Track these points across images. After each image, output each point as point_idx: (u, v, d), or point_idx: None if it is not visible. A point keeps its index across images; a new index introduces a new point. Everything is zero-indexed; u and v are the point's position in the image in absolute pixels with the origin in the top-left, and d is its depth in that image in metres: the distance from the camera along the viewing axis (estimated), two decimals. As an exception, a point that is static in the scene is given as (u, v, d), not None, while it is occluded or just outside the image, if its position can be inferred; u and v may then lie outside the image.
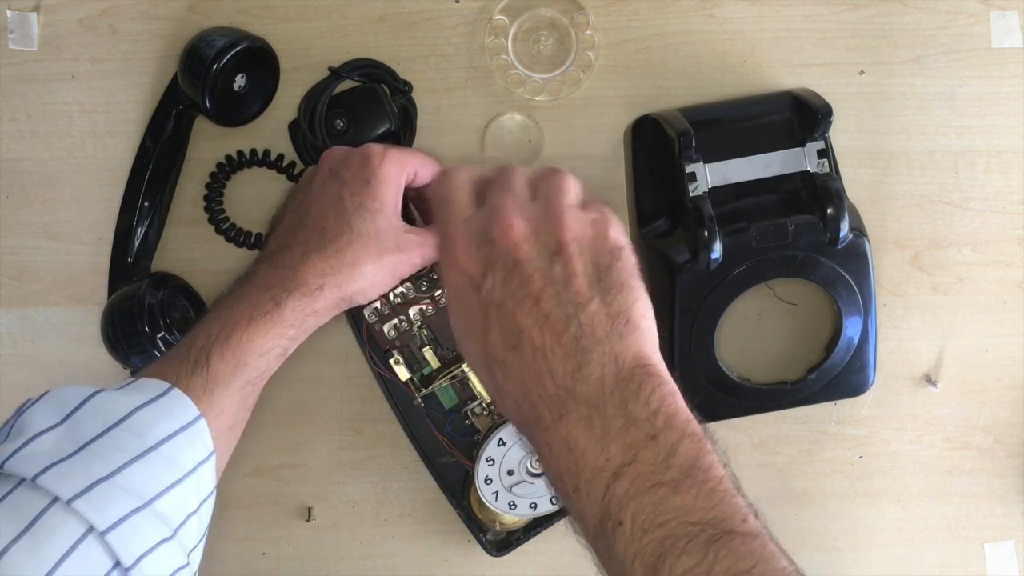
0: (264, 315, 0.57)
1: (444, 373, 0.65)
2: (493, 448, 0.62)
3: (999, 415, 0.71)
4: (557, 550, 0.70)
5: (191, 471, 0.52)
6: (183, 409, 0.53)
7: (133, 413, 0.51)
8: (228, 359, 0.56)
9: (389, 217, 0.60)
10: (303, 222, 0.60)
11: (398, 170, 0.61)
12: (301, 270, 0.58)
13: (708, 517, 0.40)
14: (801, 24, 0.69)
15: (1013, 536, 0.71)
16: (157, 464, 0.50)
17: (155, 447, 0.51)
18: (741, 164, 0.64)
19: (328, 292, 0.59)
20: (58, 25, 0.69)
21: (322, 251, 0.58)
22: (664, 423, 0.42)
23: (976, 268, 0.70)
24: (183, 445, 0.52)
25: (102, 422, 0.50)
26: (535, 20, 0.69)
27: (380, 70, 0.68)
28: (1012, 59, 0.70)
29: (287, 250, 0.60)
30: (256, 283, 0.59)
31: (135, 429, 0.51)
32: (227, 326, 0.56)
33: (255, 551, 0.70)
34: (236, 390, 0.56)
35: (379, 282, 0.61)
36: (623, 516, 0.41)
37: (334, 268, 0.58)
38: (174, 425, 0.52)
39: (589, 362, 0.43)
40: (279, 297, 0.57)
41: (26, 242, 0.69)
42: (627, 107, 0.69)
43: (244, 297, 0.58)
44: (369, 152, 0.61)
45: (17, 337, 0.69)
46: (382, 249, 0.59)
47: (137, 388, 0.53)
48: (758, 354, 0.69)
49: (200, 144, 0.69)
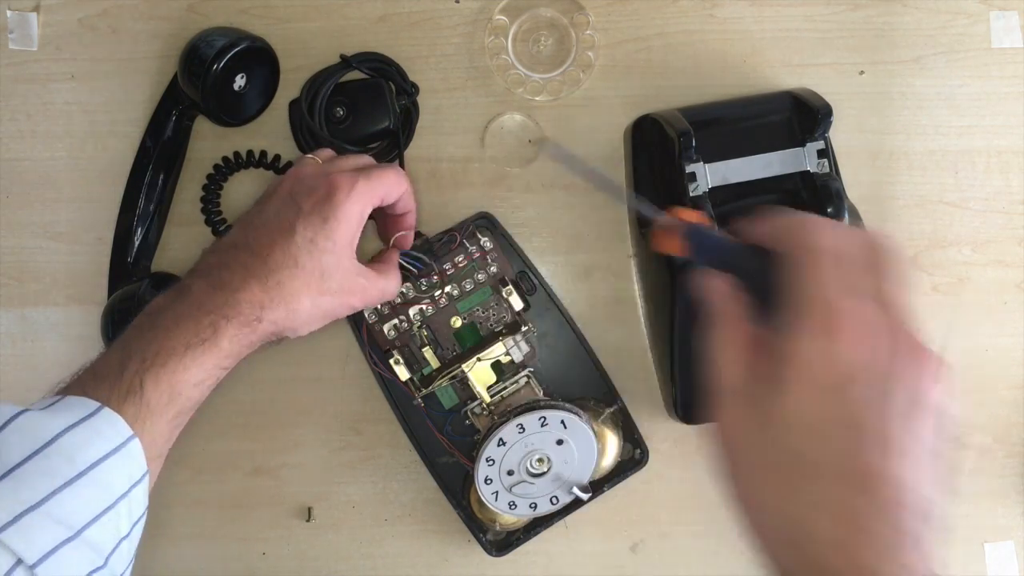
0: (202, 343, 0.54)
1: (444, 373, 0.65)
2: (493, 448, 0.62)
3: (999, 415, 0.71)
4: (557, 550, 0.70)
5: (123, 494, 0.50)
6: (114, 429, 0.50)
7: (61, 435, 0.48)
8: (163, 387, 0.53)
9: (339, 257, 0.57)
10: (249, 244, 0.57)
11: (363, 206, 0.58)
12: (240, 296, 0.55)
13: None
14: (801, 24, 0.69)
15: (1013, 536, 0.71)
16: (88, 489, 0.48)
17: (85, 472, 0.48)
18: (741, 164, 0.64)
19: (265, 325, 0.56)
20: (58, 25, 0.69)
21: (263, 281, 0.56)
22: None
23: (976, 268, 0.70)
24: (115, 468, 0.50)
25: (29, 445, 0.47)
26: (535, 20, 0.69)
27: (391, 68, 0.68)
28: (1012, 59, 0.70)
29: (226, 268, 0.57)
30: (194, 303, 0.55)
31: (64, 452, 0.48)
32: (163, 351, 0.53)
33: (255, 551, 0.70)
34: (168, 419, 0.53)
35: (312, 320, 0.58)
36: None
37: (273, 300, 0.56)
38: (106, 447, 0.50)
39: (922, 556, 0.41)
40: (218, 324, 0.55)
41: (26, 242, 0.69)
42: (627, 107, 0.69)
43: (181, 320, 0.55)
44: (335, 185, 0.57)
45: (17, 337, 0.69)
46: (323, 289, 0.57)
47: (65, 407, 0.50)
48: (758, 354, 0.69)
49: (200, 144, 0.69)
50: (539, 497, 0.63)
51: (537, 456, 0.62)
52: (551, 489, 0.63)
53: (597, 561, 0.70)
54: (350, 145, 0.67)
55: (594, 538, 0.70)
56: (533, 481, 0.63)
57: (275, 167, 0.68)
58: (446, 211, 0.69)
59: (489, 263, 0.67)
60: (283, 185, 0.59)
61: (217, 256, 0.58)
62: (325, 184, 0.57)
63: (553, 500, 0.64)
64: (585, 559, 0.70)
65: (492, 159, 0.69)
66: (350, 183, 0.57)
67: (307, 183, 0.58)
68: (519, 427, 0.61)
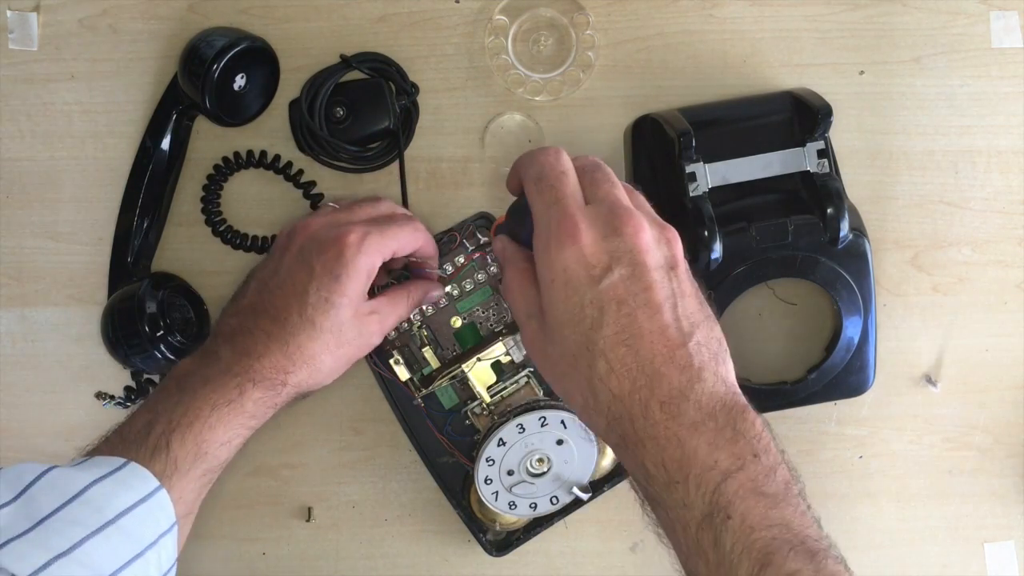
0: (228, 403, 0.56)
1: (444, 373, 0.65)
2: (493, 448, 0.62)
3: (999, 415, 0.71)
4: (557, 550, 0.70)
5: (152, 544, 0.51)
6: (142, 481, 0.52)
7: (90, 487, 0.50)
8: (190, 446, 0.54)
9: (354, 306, 0.59)
10: (266, 308, 0.59)
11: (372, 260, 0.59)
12: (265, 362, 0.57)
13: (804, 534, 0.45)
14: (801, 24, 0.69)
15: (1013, 536, 0.71)
16: (116, 538, 0.49)
17: (113, 520, 0.50)
18: (741, 164, 0.64)
19: (289, 388, 0.59)
20: (58, 25, 0.69)
21: (284, 345, 0.58)
22: (764, 447, 0.47)
23: (976, 268, 0.70)
24: (143, 517, 0.51)
25: (58, 497, 0.49)
26: (535, 20, 0.69)
27: (391, 68, 0.68)
28: (1012, 59, 0.70)
29: (249, 335, 0.58)
30: (220, 368, 0.57)
31: (92, 503, 0.50)
32: (190, 411, 0.55)
33: (255, 551, 0.70)
34: (196, 477, 0.55)
35: (336, 371, 0.61)
36: (732, 512, 0.45)
37: (295, 364, 0.58)
38: (133, 497, 0.51)
39: (703, 378, 0.48)
40: (244, 387, 0.57)
41: (26, 242, 0.69)
42: (627, 107, 0.69)
43: (208, 382, 0.57)
44: (345, 242, 0.58)
45: (17, 337, 0.69)
46: (342, 342, 0.59)
47: (93, 464, 0.52)
48: (758, 354, 0.69)
49: (200, 144, 0.69)
50: (539, 497, 0.64)
51: (537, 456, 0.63)
52: (551, 489, 0.63)
53: (597, 561, 0.70)
54: (350, 145, 0.67)
55: (594, 538, 0.70)
56: (533, 481, 0.63)
57: (276, 167, 0.68)
58: (446, 211, 0.69)
59: (489, 263, 0.67)
60: (296, 240, 0.60)
61: (238, 319, 0.60)
62: (335, 240, 0.58)
63: (553, 500, 0.64)
64: (585, 559, 0.70)
65: (492, 159, 0.69)
66: (360, 237, 0.58)
67: (318, 238, 0.59)
68: (519, 427, 0.61)
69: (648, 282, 0.48)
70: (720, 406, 0.48)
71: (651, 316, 0.48)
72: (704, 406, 0.47)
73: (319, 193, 0.69)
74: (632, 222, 0.49)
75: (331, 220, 0.61)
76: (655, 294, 0.48)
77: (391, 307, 0.62)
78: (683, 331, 0.48)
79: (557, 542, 0.70)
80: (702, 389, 0.48)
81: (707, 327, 0.49)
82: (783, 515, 0.45)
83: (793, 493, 0.47)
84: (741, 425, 0.47)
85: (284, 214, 0.69)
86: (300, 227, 0.61)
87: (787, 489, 0.47)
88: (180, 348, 0.65)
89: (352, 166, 0.68)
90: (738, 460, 0.46)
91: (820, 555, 0.45)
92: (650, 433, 0.47)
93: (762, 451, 0.47)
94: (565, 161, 0.52)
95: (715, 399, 0.48)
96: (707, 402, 0.47)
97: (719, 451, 0.46)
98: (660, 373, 0.47)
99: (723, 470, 0.46)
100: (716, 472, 0.46)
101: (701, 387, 0.48)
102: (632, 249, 0.48)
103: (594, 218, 0.49)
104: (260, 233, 0.69)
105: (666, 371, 0.47)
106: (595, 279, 0.48)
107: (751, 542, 0.44)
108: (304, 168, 0.69)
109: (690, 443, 0.47)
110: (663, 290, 0.48)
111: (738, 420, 0.47)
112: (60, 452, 0.69)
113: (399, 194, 0.68)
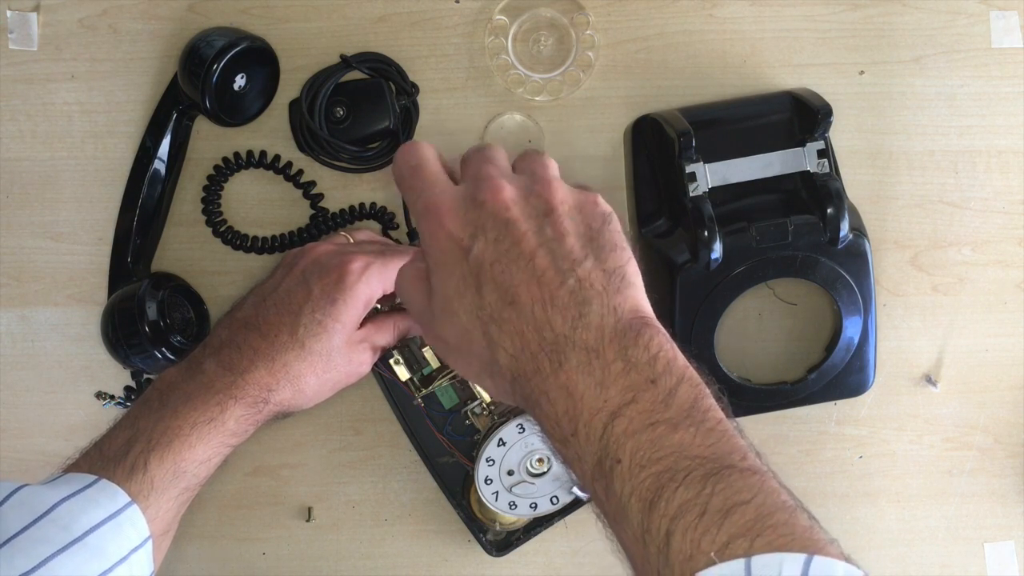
0: (208, 422, 0.56)
1: (444, 373, 0.65)
2: (493, 448, 0.62)
3: (999, 415, 0.71)
4: (557, 550, 0.70)
5: (121, 560, 0.51)
6: (110, 498, 0.52)
7: (58, 505, 0.50)
8: (168, 465, 0.55)
9: (347, 333, 0.59)
10: (258, 324, 0.59)
11: (372, 290, 0.59)
12: (248, 378, 0.58)
13: (707, 453, 0.41)
14: (801, 24, 0.69)
15: (1013, 536, 0.71)
16: (82, 555, 0.49)
17: (80, 538, 0.50)
18: (741, 164, 0.64)
19: (271, 406, 0.59)
20: (58, 25, 0.69)
21: (270, 363, 0.58)
22: (663, 368, 0.43)
23: (976, 268, 0.70)
24: (111, 534, 0.51)
25: (27, 515, 0.49)
26: (535, 20, 0.69)
27: (391, 68, 0.68)
28: (1012, 59, 0.70)
29: (236, 349, 0.59)
30: (203, 383, 0.57)
31: (59, 521, 0.50)
32: (170, 431, 0.55)
33: (255, 551, 0.70)
34: (173, 496, 0.55)
35: (320, 395, 0.61)
36: (621, 454, 0.41)
37: (279, 382, 0.58)
38: (101, 514, 0.51)
39: (588, 312, 0.44)
40: (225, 404, 0.57)
41: (26, 242, 0.69)
42: (627, 107, 0.69)
43: (189, 399, 0.57)
44: (347, 268, 0.59)
45: (17, 337, 0.69)
46: (329, 367, 0.60)
47: (64, 481, 0.53)
48: (758, 354, 0.69)
49: (200, 144, 0.69)
50: (539, 497, 0.64)
51: (537, 456, 0.63)
52: (551, 489, 0.63)
53: (597, 561, 0.70)
54: (350, 145, 0.67)
55: (594, 538, 0.70)
56: (533, 481, 0.63)
57: (275, 167, 0.68)
58: (446, 211, 0.69)
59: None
60: (300, 262, 0.61)
61: (229, 332, 0.60)
62: (338, 265, 0.59)
63: (553, 500, 0.64)
64: (585, 559, 0.70)
65: (492, 159, 0.69)
66: (363, 266, 0.59)
67: (322, 263, 0.60)
68: (519, 427, 0.61)
69: (517, 236, 0.45)
70: (610, 339, 0.43)
71: (524, 266, 0.44)
72: (591, 344, 0.43)
73: (319, 193, 0.69)
74: (488, 186, 0.46)
75: (339, 248, 0.62)
76: (526, 245, 0.44)
77: (379, 335, 0.63)
78: (562, 271, 0.44)
79: (557, 542, 0.70)
80: (586, 326, 0.43)
81: (593, 261, 0.45)
82: (681, 439, 0.41)
83: (701, 409, 0.42)
84: (633, 352, 0.43)
85: (284, 214, 0.69)
86: (307, 250, 0.62)
87: (693, 406, 0.42)
88: (180, 348, 0.65)
89: (352, 166, 0.68)
90: (628, 392, 0.42)
91: (720, 473, 0.40)
92: (542, 388, 0.43)
93: (660, 374, 0.43)
94: (417, 153, 0.49)
95: (603, 333, 0.43)
96: (593, 339, 0.43)
97: (608, 389, 0.42)
98: (541, 321, 0.44)
99: (611, 409, 0.42)
100: (604, 413, 0.42)
101: (585, 324, 0.43)
102: (494, 212, 0.45)
103: (456, 197, 0.46)
104: (260, 233, 0.69)
105: (548, 316, 0.44)
106: (466, 251, 0.45)
107: (640, 483, 0.41)
108: (304, 168, 0.69)
109: (578, 389, 0.43)
110: (535, 238, 0.45)
111: (630, 348, 0.43)
112: (60, 452, 0.68)
113: (398, 194, 0.68)
